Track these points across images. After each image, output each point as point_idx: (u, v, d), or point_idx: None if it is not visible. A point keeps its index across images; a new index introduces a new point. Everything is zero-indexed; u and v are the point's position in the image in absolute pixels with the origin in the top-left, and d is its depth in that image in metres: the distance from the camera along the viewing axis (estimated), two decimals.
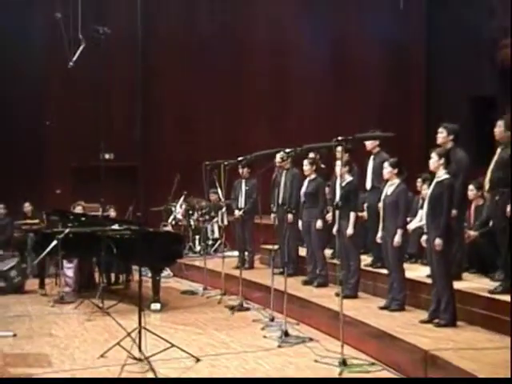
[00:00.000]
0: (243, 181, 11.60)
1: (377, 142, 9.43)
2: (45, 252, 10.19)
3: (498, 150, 7.50)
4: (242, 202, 11.54)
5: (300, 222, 9.97)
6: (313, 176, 9.87)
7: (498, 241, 7.60)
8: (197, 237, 14.47)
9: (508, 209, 7.25)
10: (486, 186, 7.65)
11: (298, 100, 17.31)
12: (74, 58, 12.88)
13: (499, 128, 7.50)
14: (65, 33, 13.47)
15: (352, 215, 8.62)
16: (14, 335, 8.26)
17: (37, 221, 13.01)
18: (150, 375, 6.39)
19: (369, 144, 9.46)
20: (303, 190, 9.92)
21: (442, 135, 8.14)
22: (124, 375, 6.35)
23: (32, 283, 11.86)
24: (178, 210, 14.53)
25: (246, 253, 11.73)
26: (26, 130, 15.88)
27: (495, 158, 7.50)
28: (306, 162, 9.92)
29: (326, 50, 17.39)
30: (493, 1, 14.99)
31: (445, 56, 16.62)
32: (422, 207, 8.17)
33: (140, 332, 6.83)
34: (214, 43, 16.88)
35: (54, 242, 10.05)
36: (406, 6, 17.46)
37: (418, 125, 17.00)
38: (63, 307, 10.20)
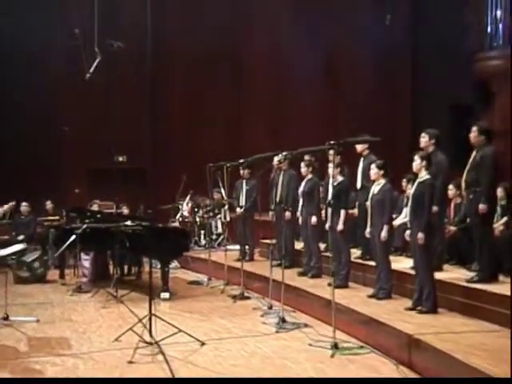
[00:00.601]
0: (244, 181, 11.60)
1: (366, 146, 9.46)
2: (64, 246, 10.23)
3: (473, 153, 7.54)
4: (242, 201, 11.54)
5: (300, 218, 9.91)
6: (309, 176, 9.83)
7: (474, 234, 7.65)
8: (202, 232, 14.47)
9: (480, 206, 7.30)
10: (463, 185, 7.70)
11: (294, 107, 17.30)
12: (91, 70, 12.94)
13: (474, 133, 7.55)
14: (82, 46, 13.53)
15: (342, 212, 8.62)
16: (38, 320, 8.31)
17: (57, 217, 13.06)
18: (160, 357, 6.41)
19: (359, 147, 9.49)
20: (301, 189, 9.87)
21: (424, 139, 8.18)
22: (136, 357, 6.37)
23: (53, 274, 11.89)
24: (185, 207, 14.54)
25: (247, 246, 11.72)
26: (47, 136, 15.89)
27: (470, 160, 7.55)
28: (303, 164, 9.87)
29: (320, 61, 17.39)
30: (469, 18, 15.04)
31: (427, 68, 16.67)
32: (406, 205, 8.21)
33: (150, 318, 6.87)
34: (218, 56, 16.90)
35: (73, 237, 10.08)
36: (393, 21, 17.53)
37: (403, 130, 16.99)
38: (81, 296, 10.22)
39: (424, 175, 7.22)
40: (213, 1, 17.06)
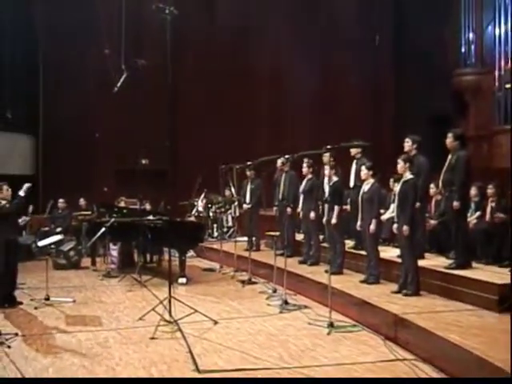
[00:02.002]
0: (249, 181, 11.54)
1: (359, 150, 9.42)
2: (95, 237, 10.23)
3: (449, 156, 7.51)
4: (248, 198, 11.52)
5: (301, 213, 9.83)
6: (309, 176, 9.72)
7: (450, 227, 7.63)
8: (214, 225, 14.43)
9: (454, 203, 7.27)
10: (440, 185, 7.68)
11: (295, 116, 17.20)
12: (119, 84, 12.95)
13: (449, 139, 7.51)
14: (111, 64, 13.56)
15: (336, 208, 8.56)
16: (74, 301, 8.35)
17: (89, 212, 13.03)
18: (178, 334, 6.42)
19: (353, 151, 9.42)
20: (301, 187, 9.79)
21: (407, 144, 8.14)
22: (158, 334, 6.41)
23: (86, 261, 11.92)
24: (200, 203, 14.51)
25: (254, 238, 11.71)
26: (81, 141, 15.95)
27: (446, 162, 7.51)
28: (305, 164, 9.71)
29: (316, 77, 17.32)
30: (446, 39, 15.03)
31: (409, 83, 16.62)
32: (393, 201, 8.18)
33: (170, 300, 6.88)
34: (228, 73, 16.88)
35: (103, 229, 10.09)
36: (379, 43, 17.50)
37: (390, 137, 16.86)
38: (110, 280, 10.24)
39: (408, 175, 7.21)
40: (222, 25, 17.09)
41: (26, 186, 8.03)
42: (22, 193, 7.99)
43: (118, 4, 15.04)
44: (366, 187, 8.00)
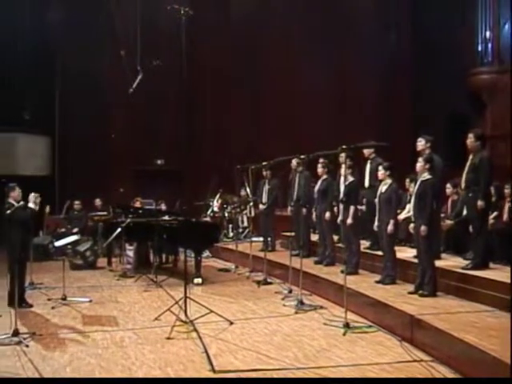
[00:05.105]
0: (266, 181, 11.56)
1: (372, 150, 9.41)
2: (111, 237, 10.27)
3: (470, 157, 7.45)
4: (264, 198, 11.52)
5: (314, 214, 9.82)
6: (325, 176, 9.67)
7: (472, 227, 7.56)
8: (230, 225, 14.45)
9: (479, 203, 7.23)
10: (462, 185, 7.62)
11: (309, 116, 17.13)
12: (134, 85, 13.03)
13: (470, 139, 7.45)
14: (127, 65, 13.64)
15: (352, 208, 8.53)
16: (90, 301, 8.42)
17: (105, 213, 13.11)
18: (194, 334, 6.44)
19: (366, 151, 9.43)
20: (317, 187, 9.73)
21: (420, 143, 8.07)
22: (173, 334, 6.42)
23: (102, 261, 12.01)
24: (215, 204, 14.52)
25: (269, 238, 11.71)
26: (97, 142, 16.08)
27: (468, 163, 7.45)
28: (319, 165, 9.67)
29: (331, 76, 17.25)
30: (463, 37, 14.90)
31: (427, 82, 16.51)
32: (409, 201, 8.14)
33: (185, 300, 6.90)
34: (242, 73, 16.90)
35: (118, 230, 10.13)
36: (395, 42, 17.43)
37: (406, 137, 16.71)
38: (126, 280, 10.31)
39: (426, 175, 7.16)
40: (237, 25, 17.12)
41: (33, 195, 8.01)
42: (32, 204, 7.93)
43: (133, 5, 15.14)
44: (383, 187, 7.96)
